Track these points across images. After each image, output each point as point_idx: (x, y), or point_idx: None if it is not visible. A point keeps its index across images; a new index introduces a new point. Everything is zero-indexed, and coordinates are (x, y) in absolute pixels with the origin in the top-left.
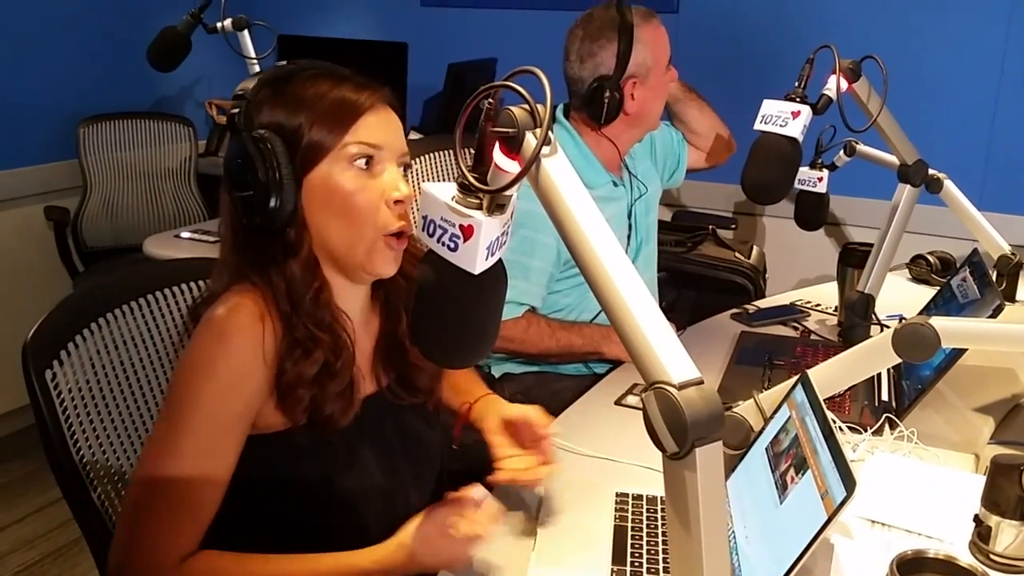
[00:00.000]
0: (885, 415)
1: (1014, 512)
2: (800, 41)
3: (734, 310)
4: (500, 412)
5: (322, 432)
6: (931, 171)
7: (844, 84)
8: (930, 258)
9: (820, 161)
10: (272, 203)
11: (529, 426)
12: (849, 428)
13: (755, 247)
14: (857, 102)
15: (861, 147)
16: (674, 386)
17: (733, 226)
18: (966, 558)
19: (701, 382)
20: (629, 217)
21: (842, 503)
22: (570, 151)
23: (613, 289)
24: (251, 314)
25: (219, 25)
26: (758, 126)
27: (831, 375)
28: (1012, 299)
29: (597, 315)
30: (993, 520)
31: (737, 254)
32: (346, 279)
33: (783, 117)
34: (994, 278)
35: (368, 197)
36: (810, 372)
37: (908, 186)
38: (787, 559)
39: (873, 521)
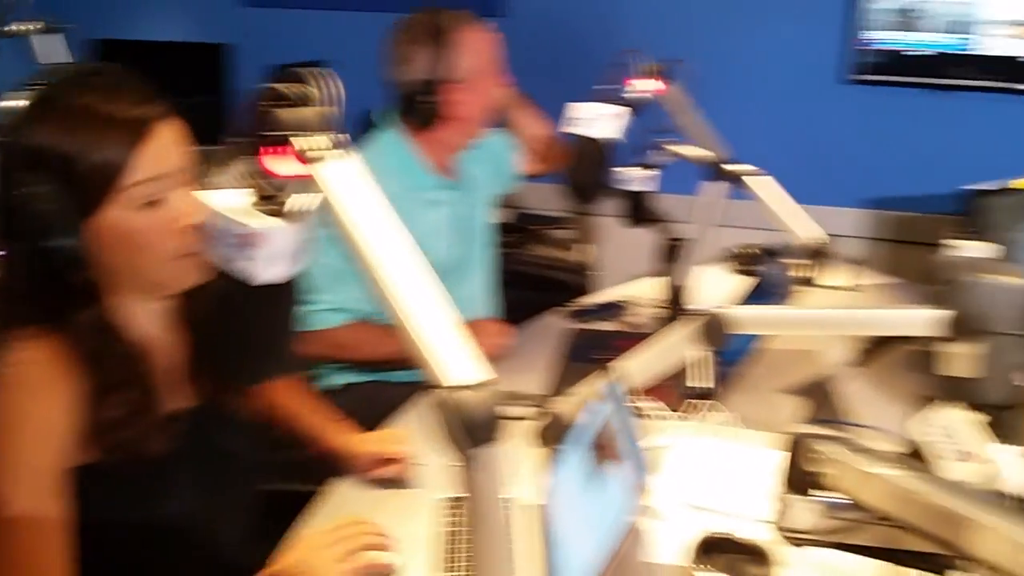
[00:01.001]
0: (703, 400)
1: (803, 488)
2: (627, 44)
3: (561, 308)
4: (361, 446)
5: (131, 460)
6: (745, 167)
7: (656, 85)
8: (746, 250)
9: (641, 160)
10: (52, 250)
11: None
12: (668, 414)
13: (588, 245)
14: (668, 103)
15: (677, 146)
16: (452, 388)
17: (566, 226)
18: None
19: (484, 384)
20: (462, 220)
21: (639, 490)
22: (393, 153)
23: (392, 291)
24: (46, 365)
25: (16, 28)
26: (568, 128)
27: (640, 367)
28: (823, 285)
29: None
30: (787, 497)
31: (564, 253)
32: (143, 299)
33: (594, 119)
34: (810, 266)
35: (160, 230)
36: (621, 364)
37: (717, 182)
38: (600, 549)
39: (690, 505)
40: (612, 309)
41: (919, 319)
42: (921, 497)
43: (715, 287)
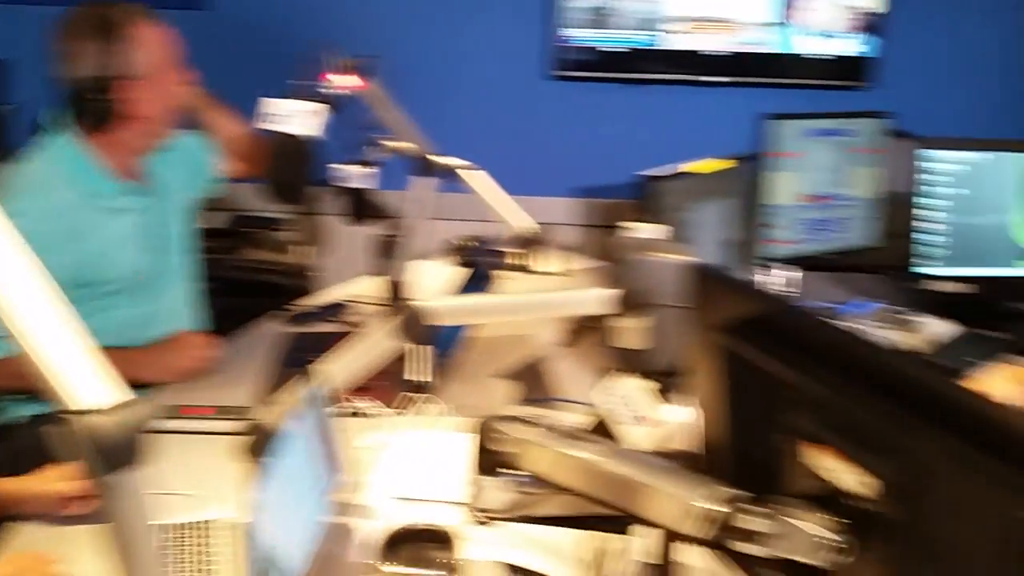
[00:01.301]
0: (419, 393)
1: (492, 469)
2: (333, 39)
3: (280, 312)
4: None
5: None
6: (455, 160)
7: (353, 81)
8: (464, 242)
9: (359, 157)
10: None
11: None
12: (385, 411)
13: (308, 246)
14: (370, 98)
15: (389, 142)
16: (84, 413)
17: (284, 227)
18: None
19: (120, 407)
20: (154, 227)
21: (339, 490)
22: (66, 159)
23: (9, 313)
24: None
25: None
26: (263, 125)
27: (342, 367)
28: (533, 272)
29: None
30: (478, 479)
31: (282, 255)
32: None
33: (291, 115)
34: (524, 254)
35: None
36: (324, 365)
37: (427, 176)
38: (303, 553)
39: (397, 498)
40: (334, 310)
41: (594, 298)
42: (593, 467)
43: (434, 280)
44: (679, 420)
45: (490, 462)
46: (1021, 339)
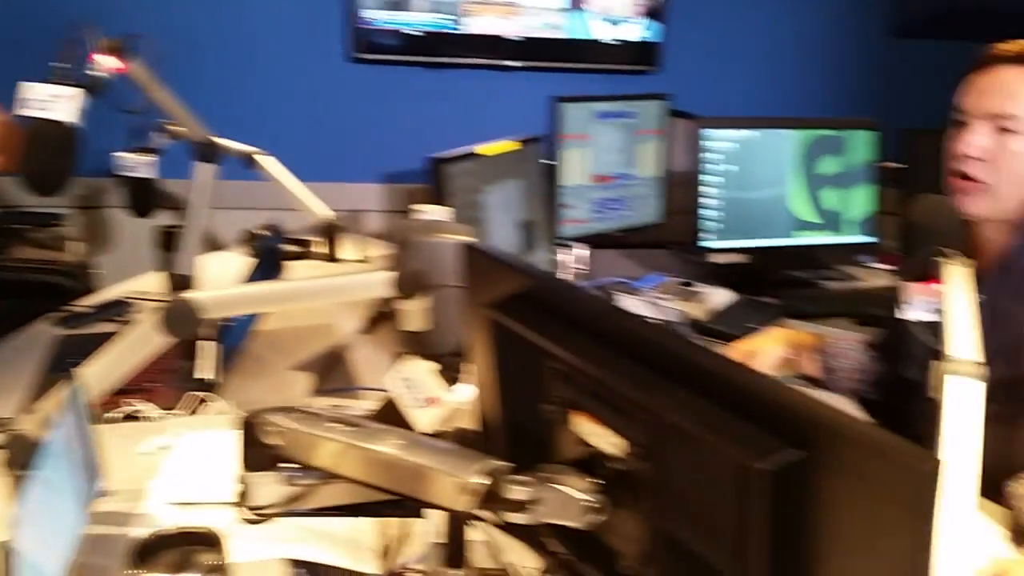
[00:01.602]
0: (205, 392)
1: (264, 464)
2: (111, 19)
3: (53, 314)
4: None
5: None
6: (243, 146)
7: (114, 63)
8: (257, 232)
9: (140, 144)
10: None
11: None
12: (168, 412)
13: (86, 242)
14: (138, 80)
15: (171, 127)
16: None
17: (60, 223)
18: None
19: None
20: None
21: (92, 499)
22: None
23: None
24: None
25: None
26: (20, 111)
27: (108, 368)
28: (336, 259)
29: None
30: (248, 476)
31: (56, 253)
32: None
33: (48, 100)
34: (322, 241)
35: None
36: (84, 370)
37: (209, 163)
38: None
39: (173, 503)
40: (112, 309)
41: (375, 281)
42: (363, 452)
43: (224, 272)
44: (462, 399)
45: (262, 457)
46: (792, 304)
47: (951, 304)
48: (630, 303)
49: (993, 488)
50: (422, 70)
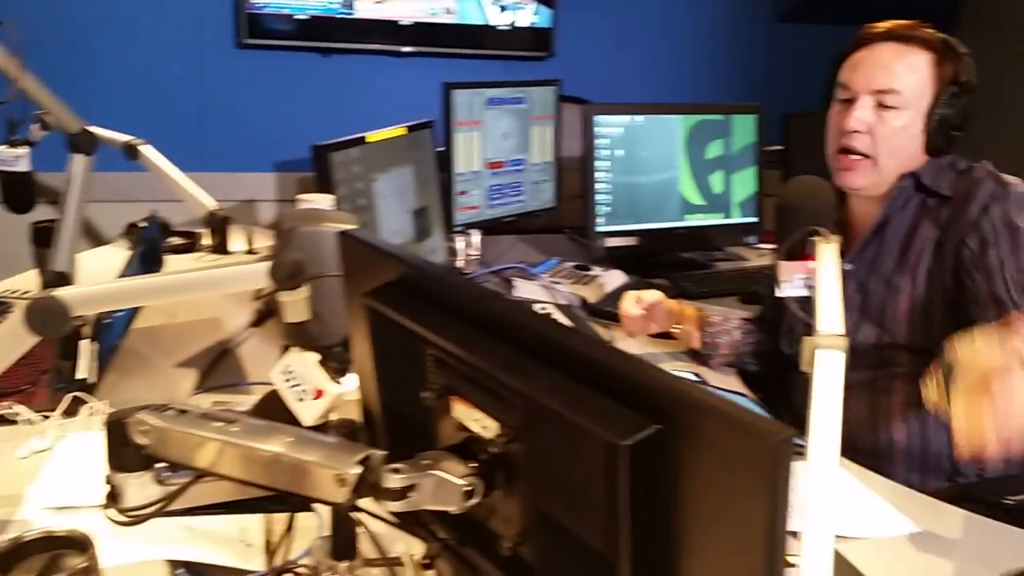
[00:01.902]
0: (83, 392)
1: (134, 464)
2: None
3: None
4: None
5: None
6: (125, 137)
7: None
8: (140, 225)
9: (16, 137)
10: None
11: None
12: (44, 416)
13: None
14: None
15: (49, 118)
16: None
17: None
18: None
19: None
20: None
21: None
22: None
23: None
24: None
25: None
26: None
27: None
28: (225, 251)
29: None
30: (119, 478)
31: None
32: None
33: None
34: (208, 233)
35: None
36: None
37: (81, 155)
38: None
39: (49, 507)
40: None
41: (253, 272)
42: (236, 448)
43: (103, 267)
44: (348, 390)
45: (134, 457)
46: (681, 284)
47: (821, 280)
48: (525, 288)
49: (862, 447)
50: (313, 55)
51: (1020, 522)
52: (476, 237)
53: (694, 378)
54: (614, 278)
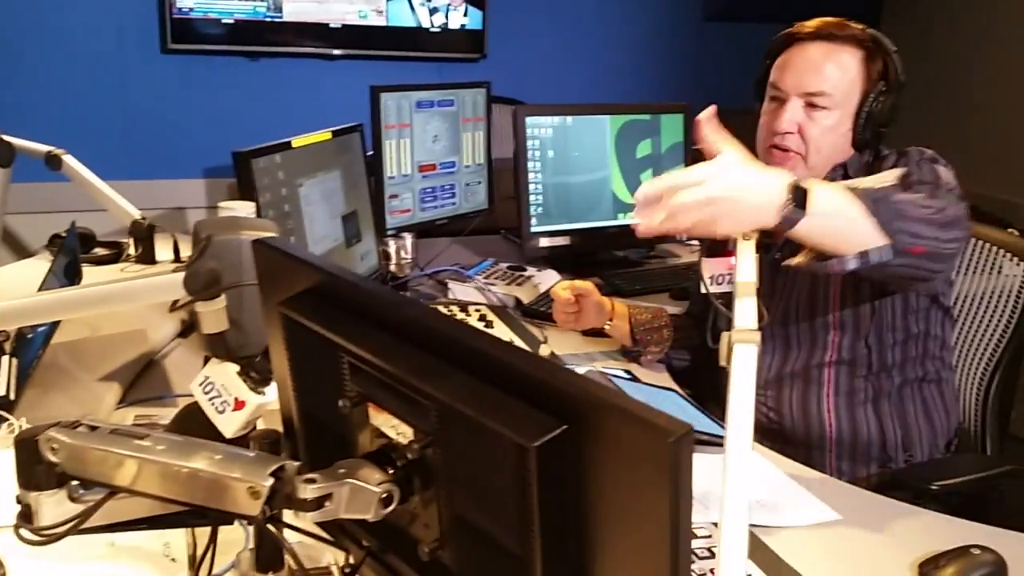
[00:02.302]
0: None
1: (47, 482)
2: None
3: None
4: None
5: None
6: (44, 147)
7: None
8: (61, 236)
9: None
10: None
11: None
12: None
13: None
14: None
15: None
16: None
17: None
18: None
19: None
20: None
21: None
22: None
23: None
24: None
25: None
26: None
27: None
28: (152, 261)
29: None
30: (32, 497)
31: None
32: None
33: None
34: (132, 244)
35: None
36: None
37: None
38: None
39: None
40: None
41: (168, 283)
42: (151, 464)
43: (25, 280)
44: (269, 401)
45: (48, 474)
46: (613, 282)
47: (739, 276)
48: (460, 290)
49: (796, 439)
50: (241, 60)
51: (946, 507)
52: (408, 240)
53: (625, 375)
54: (548, 278)
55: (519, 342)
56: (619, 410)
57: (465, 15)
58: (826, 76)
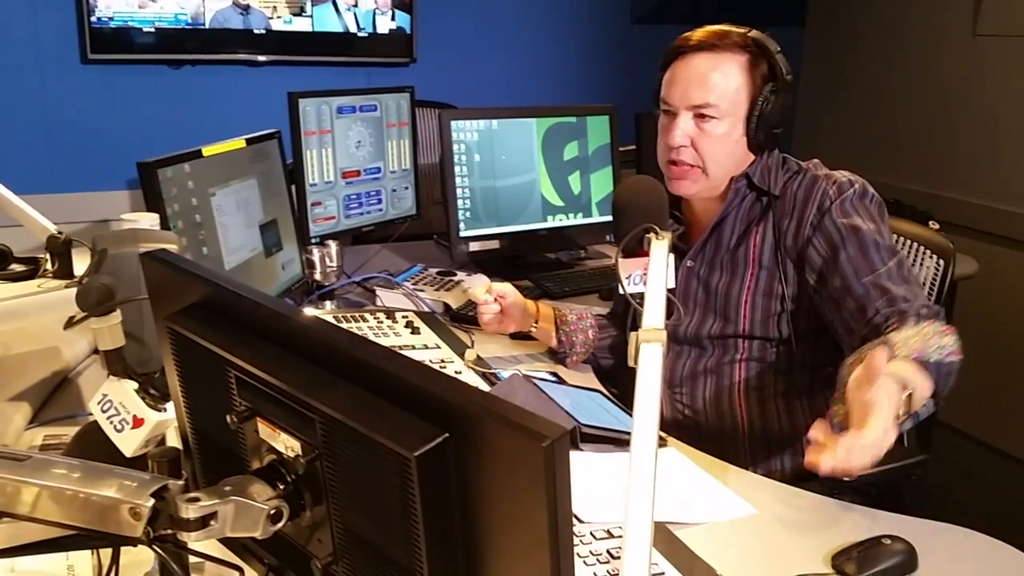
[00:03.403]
0: None
1: None
2: None
3: None
4: None
5: None
6: None
7: None
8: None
9: None
10: None
11: None
12: None
13: None
14: None
15: None
16: None
17: None
18: None
19: None
20: None
21: None
22: None
23: None
24: None
25: None
26: None
27: None
28: (70, 276)
29: None
30: None
31: None
32: None
33: None
34: (49, 259)
35: None
36: None
37: None
38: None
39: None
40: None
41: (60, 300)
42: (27, 488)
43: None
44: (167, 417)
45: None
46: (542, 284)
47: (650, 276)
48: (388, 297)
49: (710, 434)
50: (163, 68)
51: (864, 498)
52: (333, 248)
53: (551, 378)
54: (478, 282)
55: (445, 347)
56: (497, 416)
57: (393, 19)
58: (711, 87)
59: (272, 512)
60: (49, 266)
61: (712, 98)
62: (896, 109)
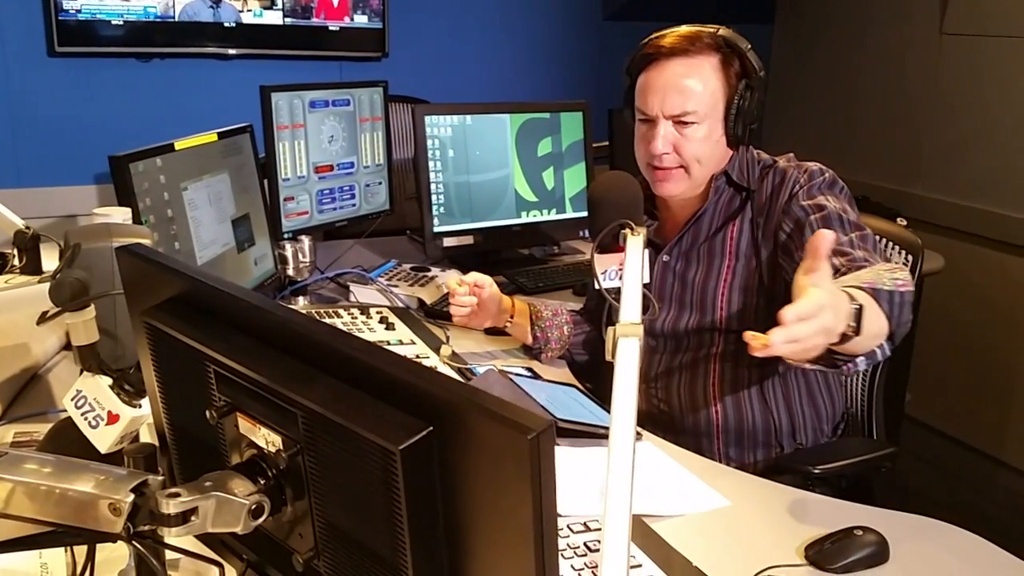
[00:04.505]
0: None
1: None
2: None
3: None
4: None
5: None
6: None
7: None
8: None
9: None
10: None
11: None
12: None
13: None
14: None
15: None
16: None
17: None
18: None
19: None
20: None
21: None
22: None
23: None
24: None
25: None
26: None
27: None
28: (38, 271)
29: None
30: None
31: None
32: None
33: None
34: (16, 254)
35: None
36: None
37: None
38: None
39: None
40: None
41: (32, 295)
42: (9, 485)
43: None
44: (142, 413)
45: None
46: (517, 280)
47: (627, 271)
48: (362, 292)
49: (685, 428)
50: (132, 61)
51: (835, 490)
52: (306, 243)
53: (526, 373)
54: (452, 278)
55: (420, 343)
56: (482, 409)
57: (360, 14)
58: (689, 95)
59: (253, 507)
60: (16, 262)
61: (691, 105)
62: (864, 107)
